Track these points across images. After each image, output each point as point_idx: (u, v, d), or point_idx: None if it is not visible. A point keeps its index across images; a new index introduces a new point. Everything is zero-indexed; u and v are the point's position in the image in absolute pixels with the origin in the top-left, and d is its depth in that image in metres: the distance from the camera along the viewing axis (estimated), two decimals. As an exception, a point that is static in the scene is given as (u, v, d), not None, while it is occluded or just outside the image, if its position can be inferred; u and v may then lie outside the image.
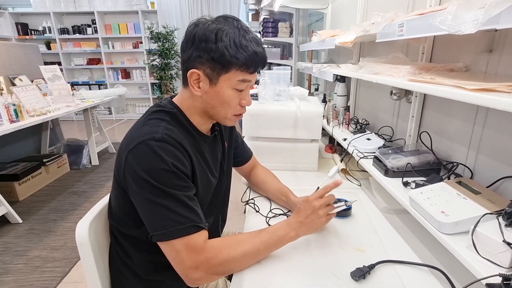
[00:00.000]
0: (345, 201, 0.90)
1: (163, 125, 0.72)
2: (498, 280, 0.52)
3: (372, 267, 0.74)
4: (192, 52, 0.72)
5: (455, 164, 0.90)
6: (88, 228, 0.77)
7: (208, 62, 0.71)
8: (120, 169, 0.71)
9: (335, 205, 0.89)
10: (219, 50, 0.69)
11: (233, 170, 1.13)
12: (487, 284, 0.53)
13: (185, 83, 0.77)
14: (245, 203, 1.11)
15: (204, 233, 0.70)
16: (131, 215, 0.75)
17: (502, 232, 0.56)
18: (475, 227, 0.60)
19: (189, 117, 0.80)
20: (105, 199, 0.88)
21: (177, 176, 0.69)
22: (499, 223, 0.59)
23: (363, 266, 0.73)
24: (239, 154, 1.09)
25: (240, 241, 0.75)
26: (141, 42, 5.73)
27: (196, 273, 0.68)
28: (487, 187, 0.77)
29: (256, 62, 0.73)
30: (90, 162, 3.50)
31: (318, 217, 0.80)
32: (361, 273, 0.71)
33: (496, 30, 0.76)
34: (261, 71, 1.65)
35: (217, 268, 0.70)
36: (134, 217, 0.74)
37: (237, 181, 1.25)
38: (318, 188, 1.15)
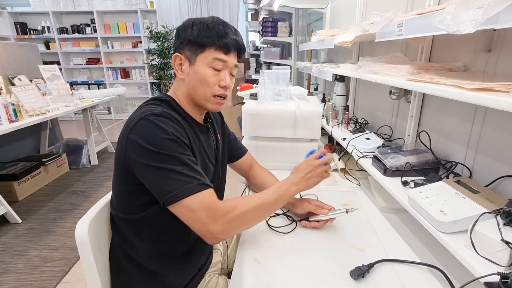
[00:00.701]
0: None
1: (160, 108, 0.78)
2: (496, 278, 0.52)
3: (371, 266, 0.74)
4: (177, 43, 0.83)
5: (454, 163, 0.90)
6: (87, 227, 0.77)
7: (187, 45, 0.80)
8: (121, 150, 0.74)
9: (336, 210, 0.90)
10: (193, 33, 0.79)
11: (232, 170, 1.13)
12: (485, 283, 0.53)
13: (174, 72, 0.84)
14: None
15: (213, 192, 0.74)
16: (135, 198, 0.78)
17: (500, 231, 0.57)
18: (473, 226, 0.61)
19: (181, 105, 0.85)
20: (105, 199, 0.88)
21: (179, 144, 0.73)
22: (498, 222, 0.59)
23: (362, 265, 0.74)
24: (234, 149, 1.10)
25: (252, 196, 0.81)
26: (140, 42, 5.72)
27: (216, 226, 0.70)
28: (485, 186, 0.77)
29: (228, 43, 0.79)
30: (90, 162, 3.50)
31: (316, 174, 0.87)
32: (360, 272, 0.71)
33: (494, 30, 0.76)
34: (260, 70, 1.64)
35: (235, 221, 0.73)
36: (139, 199, 0.77)
37: (237, 181, 1.25)
38: None
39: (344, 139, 1.35)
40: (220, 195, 1.03)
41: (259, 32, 4.21)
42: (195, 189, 0.70)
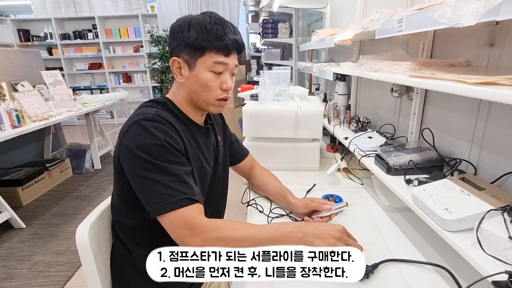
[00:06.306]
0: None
1: (154, 110, 0.77)
2: (505, 277, 0.50)
3: (375, 266, 0.72)
4: (173, 44, 0.80)
5: (458, 160, 0.88)
6: (88, 231, 0.76)
7: (185, 49, 0.77)
8: (116, 154, 0.75)
9: (336, 205, 0.89)
10: (191, 35, 0.75)
11: (233, 172, 1.13)
12: (493, 282, 0.52)
13: (173, 75, 0.83)
14: (246, 204, 1.10)
15: (198, 206, 0.71)
16: (131, 203, 0.77)
17: (507, 228, 0.55)
18: (479, 223, 0.59)
19: (179, 107, 0.84)
20: (105, 203, 0.88)
21: (169, 151, 0.71)
22: (504, 219, 0.58)
23: (367, 265, 0.72)
24: (235, 152, 1.09)
25: (244, 225, 0.74)
26: (142, 46, 5.76)
27: (193, 241, 0.67)
28: (491, 183, 0.75)
29: (228, 45, 0.77)
30: (93, 166, 3.51)
31: (331, 239, 0.70)
32: (364, 273, 0.70)
33: (497, 23, 0.75)
34: (261, 71, 1.64)
35: (214, 242, 0.67)
36: (134, 205, 0.76)
37: (239, 182, 1.24)
38: (314, 185, 1.15)
39: (346, 138, 1.33)
40: (222, 197, 1.02)
41: (259, 34, 4.22)
42: (177, 204, 0.68)
